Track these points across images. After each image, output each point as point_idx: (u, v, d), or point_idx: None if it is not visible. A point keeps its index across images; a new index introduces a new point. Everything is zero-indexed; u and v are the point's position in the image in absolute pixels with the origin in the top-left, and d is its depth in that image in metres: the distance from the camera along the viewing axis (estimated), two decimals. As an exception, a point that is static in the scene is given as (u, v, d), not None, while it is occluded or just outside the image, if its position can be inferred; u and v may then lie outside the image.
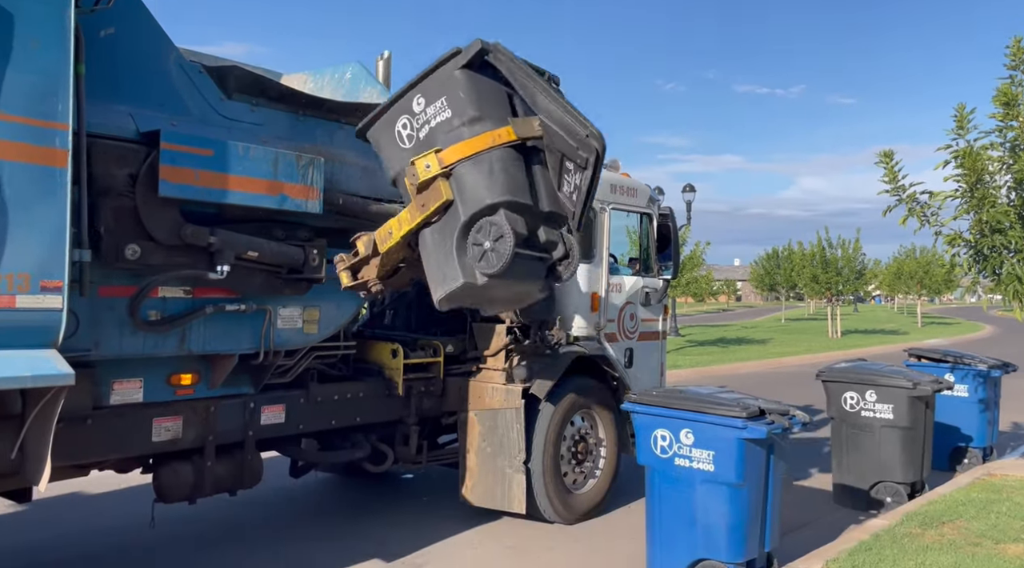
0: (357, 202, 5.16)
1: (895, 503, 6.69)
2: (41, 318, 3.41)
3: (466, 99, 4.11)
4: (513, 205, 4.15)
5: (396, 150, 4.42)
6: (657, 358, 7.73)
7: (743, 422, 4.67)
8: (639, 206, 7.50)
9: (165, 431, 4.56)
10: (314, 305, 5.11)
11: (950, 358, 8.49)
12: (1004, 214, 5.10)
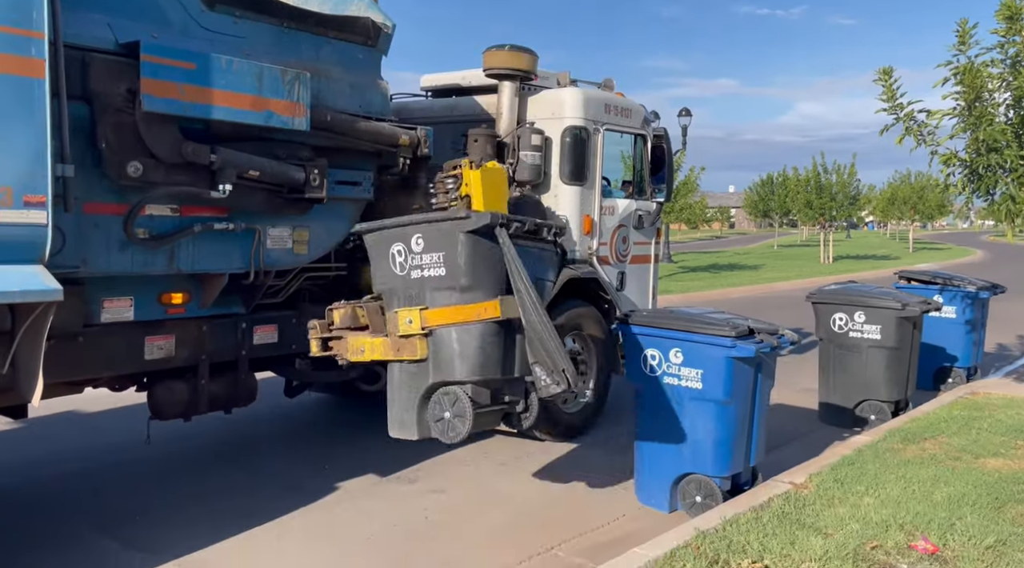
0: (346, 119, 5.08)
1: (879, 421, 6.84)
2: (26, 233, 3.39)
3: (463, 267, 4.10)
4: (481, 382, 4.22)
5: (387, 268, 4.40)
6: (648, 282, 7.76)
7: (732, 341, 4.72)
8: (633, 127, 7.39)
9: (158, 349, 4.59)
10: (304, 226, 5.08)
11: (939, 280, 8.56)
12: (1001, 133, 5.04)
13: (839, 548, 3.97)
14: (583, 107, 6.80)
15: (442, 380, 4.14)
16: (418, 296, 4.22)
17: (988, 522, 4.34)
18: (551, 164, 6.71)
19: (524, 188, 6.51)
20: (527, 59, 6.49)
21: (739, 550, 3.95)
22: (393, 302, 4.31)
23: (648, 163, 7.60)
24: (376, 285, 4.42)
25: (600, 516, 4.91)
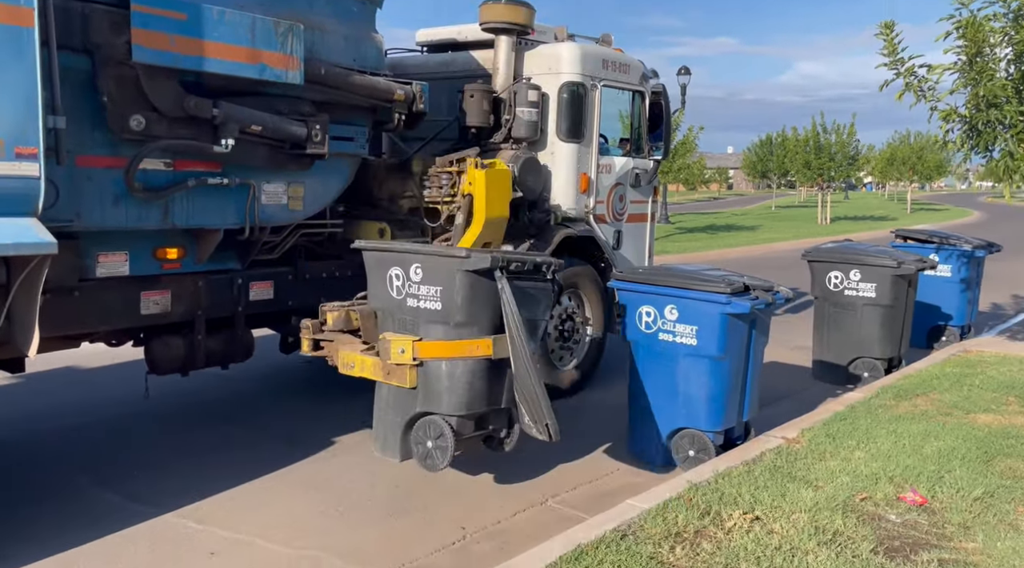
0: (340, 73, 5.00)
1: (872, 378, 6.90)
2: (19, 186, 3.39)
3: (459, 304, 4.07)
4: (467, 415, 4.25)
5: (383, 289, 4.38)
6: (645, 240, 7.74)
7: (727, 298, 4.73)
8: (631, 83, 7.28)
9: (153, 304, 4.60)
10: (299, 182, 5.05)
11: (936, 239, 8.55)
12: (1002, 88, 4.98)
13: (829, 500, 4.03)
14: (580, 62, 6.69)
15: (428, 410, 4.18)
16: (412, 324, 4.22)
17: (976, 475, 4.41)
18: (548, 121, 6.61)
19: (521, 145, 6.43)
20: (524, 13, 6.37)
21: (731, 502, 4.01)
22: (387, 323, 4.33)
23: (646, 120, 7.49)
24: (371, 301, 4.45)
25: (594, 470, 4.97)
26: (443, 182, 5.84)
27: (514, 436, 4.51)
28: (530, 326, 4.23)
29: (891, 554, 3.47)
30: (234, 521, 4.16)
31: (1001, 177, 5.27)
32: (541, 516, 4.29)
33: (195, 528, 4.08)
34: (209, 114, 4.35)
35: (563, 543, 3.56)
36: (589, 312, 6.83)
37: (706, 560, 3.39)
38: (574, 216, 6.78)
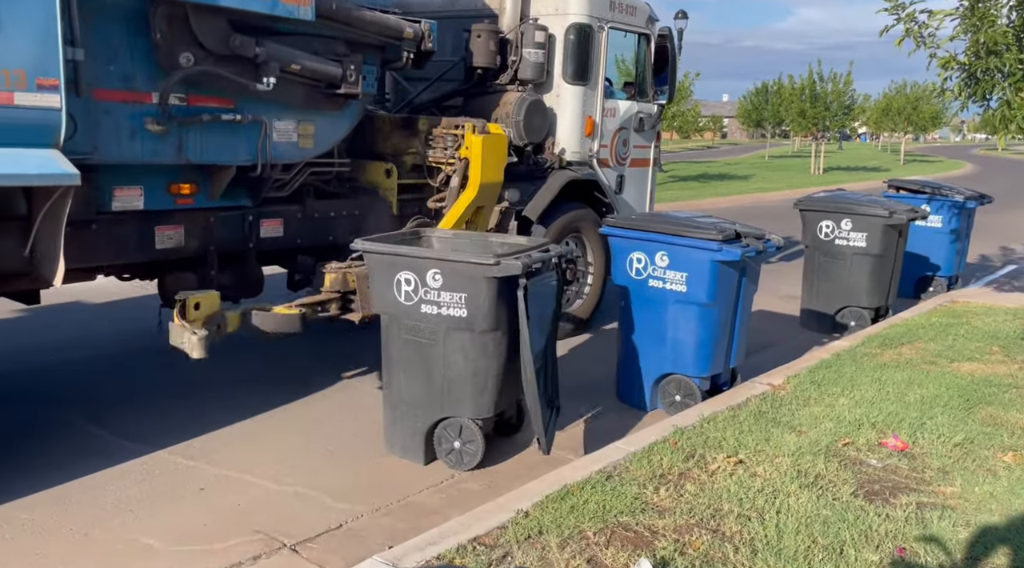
0: (351, 9, 4.95)
1: (858, 327, 6.96)
2: (40, 117, 3.45)
3: (486, 311, 3.89)
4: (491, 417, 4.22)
5: (390, 294, 4.11)
6: (647, 185, 7.74)
7: (718, 244, 4.72)
8: (637, 26, 7.18)
9: (167, 239, 4.65)
10: (309, 120, 5.03)
11: (928, 189, 8.54)
12: (1003, 35, 4.90)
13: (812, 445, 4.10)
14: (588, 3, 6.61)
15: (453, 415, 4.10)
16: (427, 331, 4.04)
17: (957, 422, 4.49)
18: (554, 63, 6.55)
19: (526, 87, 6.38)
20: None
21: (715, 445, 4.07)
22: (392, 328, 4.15)
23: (651, 64, 7.41)
24: (375, 305, 4.24)
25: (580, 413, 5.03)
26: (448, 143, 5.82)
27: (525, 422, 4.51)
28: (542, 325, 4.17)
29: (871, 497, 3.54)
30: (223, 458, 4.20)
31: (997, 127, 5.23)
32: (529, 457, 4.34)
33: (185, 464, 4.12)
34: (252, 53, 4.40)
35: (550, 483, 3.62)
36: (591, 256, 6.91)
37: (689, 501, 3.45)
38: (578, 159, 6.76)
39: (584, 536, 3.15)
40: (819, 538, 3.14)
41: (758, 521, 3.27)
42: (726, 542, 3.10)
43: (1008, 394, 4.99)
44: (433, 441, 4.20)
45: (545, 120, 6.43)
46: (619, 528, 3.22)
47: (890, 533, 3.20)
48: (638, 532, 3.19)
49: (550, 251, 4.19)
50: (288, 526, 3.52)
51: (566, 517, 3.27)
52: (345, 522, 3.58)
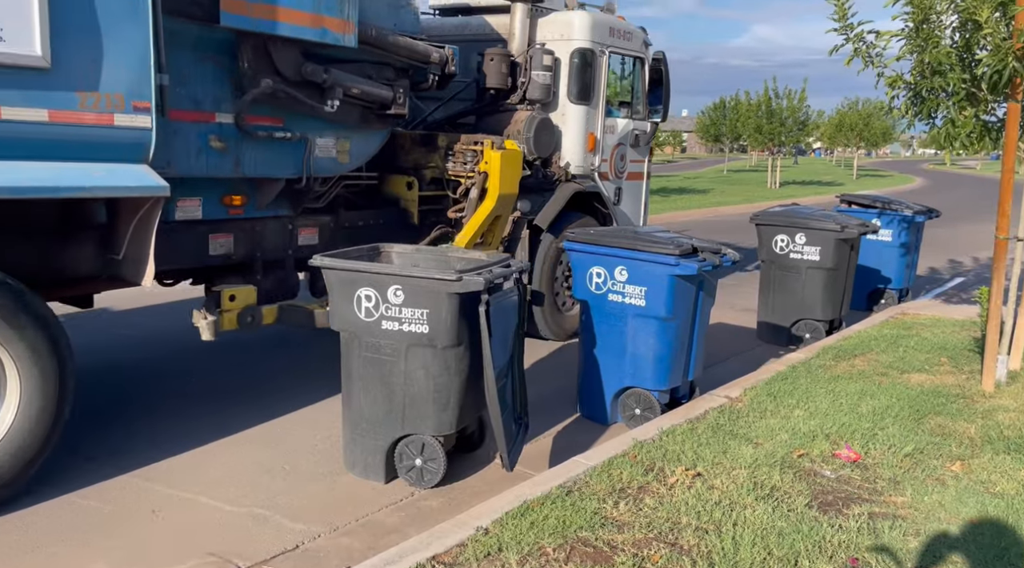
0: (387, 35, 5.44)
1: (813, 339, 7.10)
2: (135, 135, 3.89)
3: (448, 326, 3.88)
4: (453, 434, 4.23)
5: (350, 310, 4.07)
6: (641, 197, 8.26)
7: (676, 259, 4.78)
8: (634, 50, 7.71)
9: (219, 246, 5.02)
10: (346, 137, 5.51)
11: (878, 204, 8.76)
12: (946, 55, 5.07)
13: (768, 456, 4.16)
14: (591, 30, 7.10)
15: (414, 432, 4.07)
16: (389, 348, 4.00)
17: (908, 432, 4.59)
18: (560, 84, 7.04)
19: (535, 106, 6.85)
20: None
21: (674, 458, 4.11)
22: (352, 345, 4.11)
23: (645, 85, 7.96)
24: (334, 322, 4.19)
25: (544, 428, 5.03)
26: (467, 158, 6.26)
27: (487, 438, 4.50)
28: (504, 344, 4.15)
29: (824, 508, 3.60)
30: (179, 478, 4.11)
31: (943, 144, 5.39)
32: (490, 474, 4.33)
33: (141, 485, 4.02)
34: (321, 78, 4.98)
35: (510, 499, 3.61)
36: None
37: (648, 515, 3.48)
38: (581, 173, 7.28)
39: (544, 552, 3.14)
40: (774, 550, 3.18)
41: (715, 534, 3.30)
42: (684, 555, 3.13)
43: (956, 404, 5.13)
44: (394, 459, 4.16)
45: (552, 137, 6.93)
46: (579, 543, 3.22)
47: (843, 543, 3.26)
48: (597, 547, 3.20)
49: (511, 266, 4.20)
50: (243, 548, 3.45)
51: (526, 533, 3.27)
52: (302, 543, 3.53)
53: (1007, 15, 4.89)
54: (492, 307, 3.89)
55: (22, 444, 3.72)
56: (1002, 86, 5.00)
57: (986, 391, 5.40)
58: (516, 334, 4.35)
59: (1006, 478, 3.98)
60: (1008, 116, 5.11)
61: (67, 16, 3.56)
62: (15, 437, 3.71)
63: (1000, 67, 4.79)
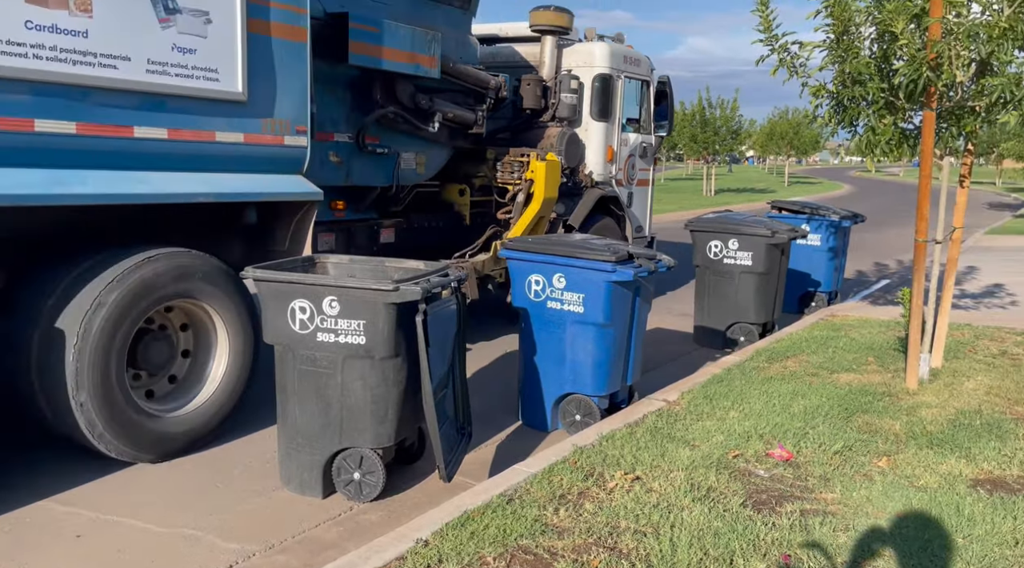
0: (459, 67, 6.74)
1: (747, 341, 7.26)
2: (296, 153, 4.95)
3: (386, 336, 3.82)
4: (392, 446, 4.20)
5: (283, 323, 4.00)
6: (647, 200, 9.65)
7: (612, 266, 4.84)
8: (642, 74, 9.11)
9: (325, 243, 5.96)
10: (423, 152, 6.73)
11: (807, 209, 9.04)
12: (865, 66, 5.26)
13: (704, 458, 4.23)
14: (609, 58, 8.47)
15: (351, 445, 4.00)
16: (324, 360, 3.93)
17: (837, 430, 4.73)
18: (583, 104, 8.32)
19: (563, 123, 8.04)
20: (566, 18, 8.01)
21: (613, 463, 4.14)
22: (287, 358, 4.02)
23: (651, 104, 9.34)
24: (267, 336, 4.09)
25: (485, 436, 5.01)
26: (514, 168, 7.44)
27: (427, 449, 4.46)
28: (443, 352, 4.12)
29: (758, 507, 3.68)
30: (104, 501, 3.95)
31: (864, 151, 5.59)
32: (431, 485, 4.29)
33: (61, 510, 3.85)
34: (428, 105, 6.37)
35: (450, 510, 3.58)
36: None
37: (588, 520, 3.49)
38: (602, 180, 8.52)
39: (484, 562, 3.13)
40: (711, 550, 3.23)
41: (653, 536, 3.33)
42: (623, 559, 3.15)
43: (882, 402, 5.31)
44: (331, 473, 4.09)
45: (579, 149, 8.13)
46: (519, 551, 3.21)
47: (776, 541, 3.33)
48: (537, 554, 3.19)
49: (449, 275, 4.18)
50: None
51: (466, 544, 3.25)
52: (236, 563, 3.43)
53: (921, 27, 5.11)
54: (430, 316, 3.86)
55: (229, 392, 4.78)
56: (917, 95, 5.22)
57: (910, 389, 5.61)
58: (456, 343, 4.33)
59: (929, 472, 4.14)
60: (924, 124, 5.34)
61: (257, 61, 4.64)
62: (225, 387, 4.75)
63: (915, 77, 5.00)
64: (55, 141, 3.87)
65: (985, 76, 5.15)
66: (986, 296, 9.39)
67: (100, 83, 3.98)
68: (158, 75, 4.21)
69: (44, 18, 3.74)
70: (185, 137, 4.38)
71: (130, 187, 4.17)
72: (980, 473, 4.14)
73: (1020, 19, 4.90)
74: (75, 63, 3.87)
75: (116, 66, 4.03)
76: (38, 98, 3.78)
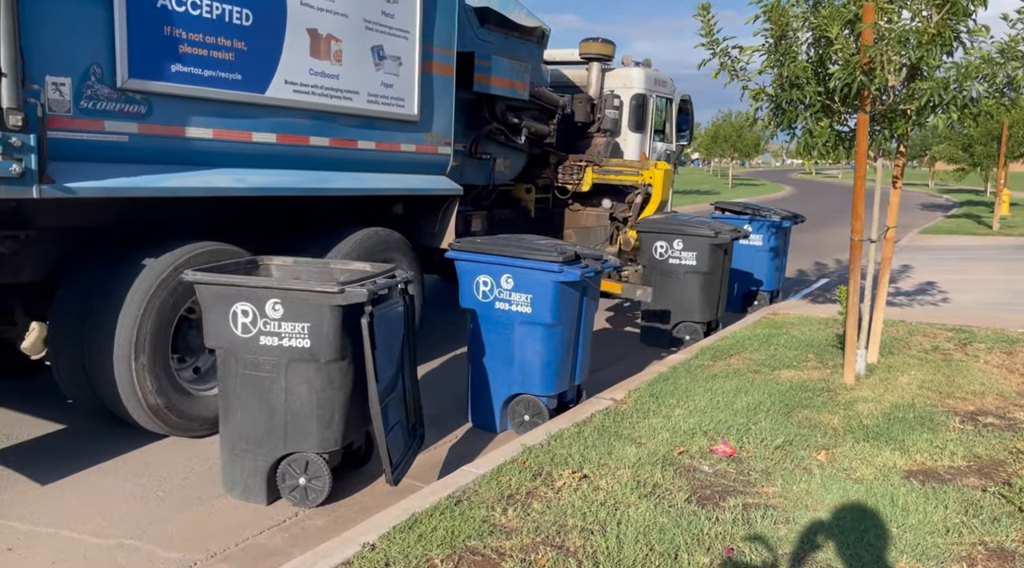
0: (539, 89, 8.51)
1: (692, 340, 7.38)
2: (443, 160, 6.71)
3: (331, 339, 3.76)
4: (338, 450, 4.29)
5: (225, 327, 3.87)
6: (669, 199, 10.60)
7: (559, 266, 4.86)
8: (667, 93, 11.26)
9: None
10: (509, 158, 8.44)
11: (749, 210, 9.24)
12: (803, 70, 5.40)
13: (650, 455, 4.28)
14: (644, 80, 10.65)
15: (296, 450, 3.93)
16: (268, 364, 3.86)
17: (778, 426, 4.84)
18: (623, 118, 10.42)
19: (607, 134, 9.87)
20: (611, 48, 10.10)
21: (561, 462, 4.17)
22: (230, 363, 3.92)
23: (674, 118, 11.50)
24: (209, 340, 3.98)
25: (435, 438, 4.99)
26: (574, 172, 9.29)
27: (375, 452, 4.41)
28: (391, 354, 4.09)
29: (703, 502, 3.74)
30: (36, 514, 3.81)
31: (801, 153, 5.74)
32: (378, 488, 4.25)
33: (-10, 525, 3.70)
34: (518, 121, 8.18)
35: (397, 513, 3.55)
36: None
37: (535, 519, 3.50)
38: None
39: (432, 564, 3.11)
40: (656, 545, 3.28)
41: (600, 534, 3.36)
42: (570, 557, 3.17)
43: (821, 397, 5.46)
44: (276, 479, 4.02)
45: (621, 156, 10.00)
46: (467, 553, 3.21)
47: (720, 535, 3.39)
48: (485, 555, 3.19)
49: (396, 277, 4.14)
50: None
51: (413, 547, 3.23)
52: (177, 572, 3.35)
53: (855, 32, 5.27)
54: (376, 319, 3.83)
55: None
56: (852, 98, 5.39)
57: (847, 384, 5.78)
58: (405, 345, 4.30)
59: (865, 464, 4.27)
60: (858, 126, 5.51)
61: (425, 91, 6.31)
62: None
63: (850, 80, 5.16)
64: (318, 152, 5.52)
65: (915, 80, 5.33)
66: (919, 294, 9.73)
67: (343, 110, 5.61)
68: (373, 104, 5.86)
69: (318, 66, 5.36)
70: (385, 148, 6.08)
71: (356, 183, 5.87)
72: (913, 464, 4.29)
73: (947, 26, 5.10)
74: (331, 96, 5.49)
75: (351, 98, 5.66)
76: (312, 122, 5.41)
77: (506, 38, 8.05)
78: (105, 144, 4.23)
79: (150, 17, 4.35)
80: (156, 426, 4.64)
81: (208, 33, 4.66)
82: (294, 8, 5.15)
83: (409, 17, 6.10)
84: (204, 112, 4.72)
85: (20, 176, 3.67)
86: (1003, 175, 21.48)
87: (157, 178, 4.48)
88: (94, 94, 4.13)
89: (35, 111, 3.71)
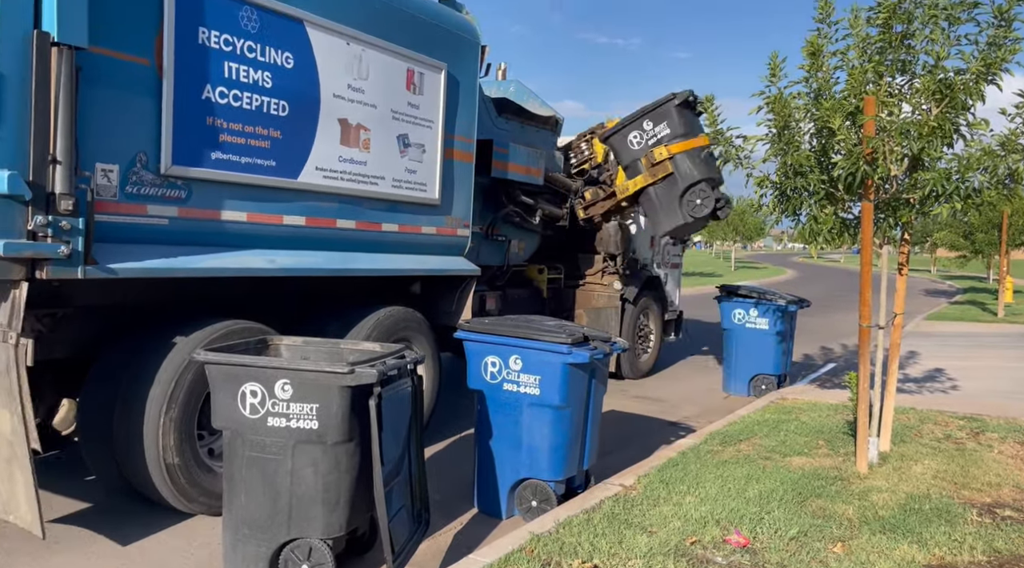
0: (552, 174, 8.93)
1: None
2: (463, 242, 6.92)
3: (339, 421, 3.83)
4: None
5: (233, 407, 4.00)
6: (678, 280, 11.69)
7: (568, 348, 4.85)
8: None
9: None
10: (524, 239, 8.74)
11: (755, 294, 9.27)
12: (806, 158, 5.54)
13: (662, 545, 4.17)
14: None
15: (300, 536, 3.86)
16: (275, 446, 3.82)
17: (792, 515, 4.73)
18: None
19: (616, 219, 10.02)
20: None
21: (571, 551, 4.06)
22: (236, 444, 3.89)
23: None
24: (217, 421, 3.95)
25: (438, 523, 4.87)
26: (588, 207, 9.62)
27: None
28: (397, 433, 4.05)
29: (718, 595, 3.62)
30: (30, 600, 3.69)
31: (807, 239, 5.81)
32: (381, 575, 4.13)
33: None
34: (533, 205, 8.48)
35: (402, 603, 3.44)
36: (652, 325, 10.55)
37: (546, 612, 3.38)
38: (646, 264, 10.55)
39: (438, 659, 2.99)
40: (672, 642, 3.15)
41: (613, 629, 3.24)
42: (582, 654, 3.05)
43: (834, 486, 5.34)
44: (278, 566, 3.90)
45: (630, 240, 10.01)
46: (474, 647, 3.09)
47: (737, 631, 3.26)
48: (494, 650, 3.07)
49: (405, 357, 4.14)
50: None
51: (419, 639, 3.11)
52: (172, 664, 3.22)
53: (856, 124, 5.42)
54: (384, 400, 3.80)
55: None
56: (856, 187, 5.49)
57: (860, 472, 5.67)
58: (412, 427, 4.25)
59: (883, 558, 4.14)
60: (863, 214, 5.59)
61: (447, 176, 6.58)
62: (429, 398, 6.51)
63: (853, 170, 5.27)
64: (345, 234, 5.72)
65: (918, 170, 5.45)
66: (928, 380, 9.65)
67: (369, 194, 5.83)
68: (398, 188, 6.08)
69: (347, 153, 5.58)
70: (407, 230, 6.29)
71: (379, 264, 6.04)
72: (932, 559, 4.17)
73: (947, 119, 5.24)
74: (359, 182, 5.71)
75: (377, 183, 5.88)
76: (340, 206, 5.61)
77: (522, 126, 8.42)
78: (147, 227, 4.39)
79: (195, 108, 4.56)
80: (179, 502, 4.62)
81: (247, 122, 4.88)
82: (327, 99, 5.39)
83: (433, 108, 6.36)
84: (239, 196, 4.91)
85: (67, 257, 3.80)
86: (1006, 263, 21.64)
87: (193, 259, 4.62)
88: (139, 180, 4.31)
89: (84, 196, 3.86)
